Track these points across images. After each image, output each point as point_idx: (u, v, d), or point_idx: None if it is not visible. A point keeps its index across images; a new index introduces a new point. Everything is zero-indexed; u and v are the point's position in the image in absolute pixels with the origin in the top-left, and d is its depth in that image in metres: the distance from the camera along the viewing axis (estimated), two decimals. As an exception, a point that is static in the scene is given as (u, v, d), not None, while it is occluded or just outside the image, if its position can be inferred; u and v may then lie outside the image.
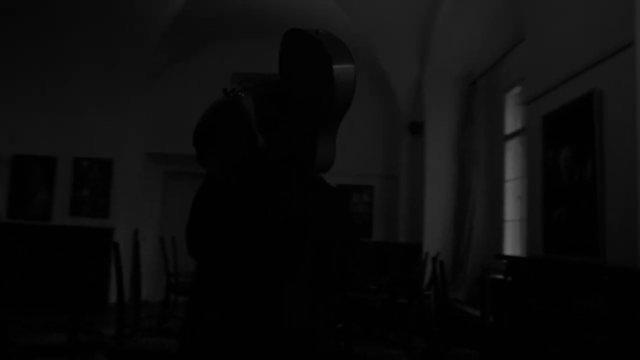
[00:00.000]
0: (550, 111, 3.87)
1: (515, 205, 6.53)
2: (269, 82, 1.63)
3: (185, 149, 8.69)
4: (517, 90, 6.62)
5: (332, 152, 1.60)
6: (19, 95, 7.46)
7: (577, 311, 2.89)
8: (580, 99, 3.45)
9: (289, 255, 1.49)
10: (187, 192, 9.41)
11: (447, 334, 2.68)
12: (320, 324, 1.54)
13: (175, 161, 8.23)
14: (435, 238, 7.07)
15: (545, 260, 3.80)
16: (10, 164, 7.35)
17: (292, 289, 1.49)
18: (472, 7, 6.72)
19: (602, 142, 3.30)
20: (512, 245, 6.53)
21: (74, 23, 7.19)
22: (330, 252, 1.57)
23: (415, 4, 6.98)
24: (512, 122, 6.69)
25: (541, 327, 3.43)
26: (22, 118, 7.47)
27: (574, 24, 3.86)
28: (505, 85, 6.72)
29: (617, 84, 3.26)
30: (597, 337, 2.63)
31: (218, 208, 1.52)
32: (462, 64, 7.25)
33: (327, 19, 7.55)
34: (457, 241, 6.99)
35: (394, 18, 7.19)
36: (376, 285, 4.84)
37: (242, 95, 1.52)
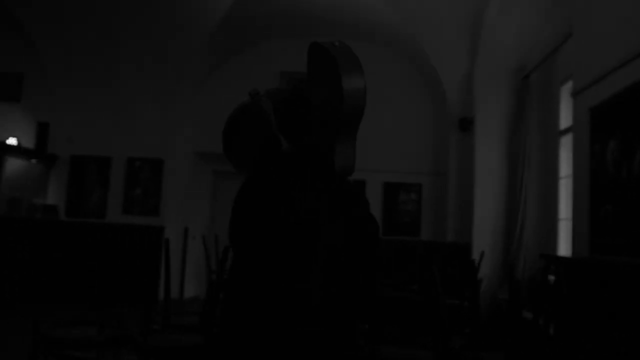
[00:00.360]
0: (598, 103, 3.64)
1: (570, 203, 6.20)
2: (294, 89, 1.71)
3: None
4: (572, 83, 6.29)
5: (351, 157, 1.67)
6: (76, 98, 7.81)
7: (621, 314, 2.68)
8: (628, 88, 3.21)
9: (298, 255, 1.51)
10: (236, 192, 9.61)
11: (478, 336, 2.57)
12: (335, 326, 1.53)
13: (224, 161, 8.33)
14: (484, 237, 6.84)
15: (589, 261, 3.57)
16: (68, 164, 7.72)
17: (303, 290, 1.50)
18: (523, -1, 6.44)
19: (656, 134, 3.06)
20: (566, 244, 6.21)
21: (126, 28, 7.47)
22: (342, 257, 1.57)
23: (464, -3, 6.77)
24: (566, 116, 6.37)
25: (583, 330, 3.22)
26: (78, 120, 7.80)
27: (621, 14, 3.62)
28: (560, 78, 6.40)
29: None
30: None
31: (249, 206, 1.62)
32: (514, 57, 6.97)
33: (375, 15, 7.48)
34: (508, 240, 6.73)
35: (443, 12, 7.00)
36: (417, 284, 4.73)
37: (263, 98, 1.71)
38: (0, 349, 3.39)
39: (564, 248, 6.24)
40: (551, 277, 5.82)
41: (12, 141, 7.51)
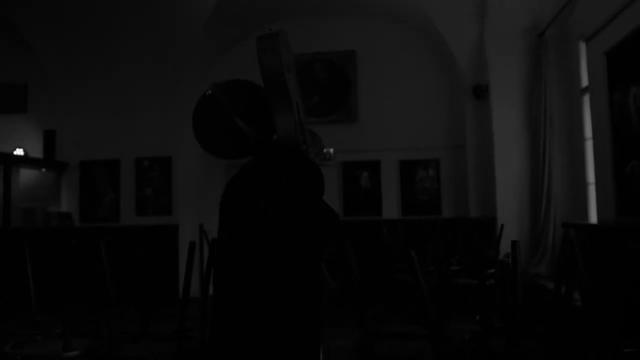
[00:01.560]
0: (614, 45, 3.24)
1: (599, 165, 5.80)
2: (239, 81, 1.89)
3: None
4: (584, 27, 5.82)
5: (289, 125, 1.69)
6: (79, 103, 7.74)
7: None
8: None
9: (279, 245, 1.60)
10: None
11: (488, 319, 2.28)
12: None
13: (235, 152, 8.19)
14: (509, 209, 6.48)
15: (614, 226, 3.21)
16: (78, 170, 7.66)
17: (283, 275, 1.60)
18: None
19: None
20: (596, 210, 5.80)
21: (125, 29, 7.34)
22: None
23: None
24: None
25: (610, 299, 2.89)
26: (84, 125, 7.74)
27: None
28: (579, 32, 5.95)
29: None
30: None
31: (233, 204, 1.76)
32: (526, 14, 6.54)
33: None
34: (535, 211, 6.34)
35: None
36: (435, 266, 4.44)
37: (218, 88, 1.81)
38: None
39: (595, 214, 5.83)
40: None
41: (19, 152, 7.49)
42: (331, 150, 7.52)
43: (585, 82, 5.99)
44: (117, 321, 2.47)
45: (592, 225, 3.69)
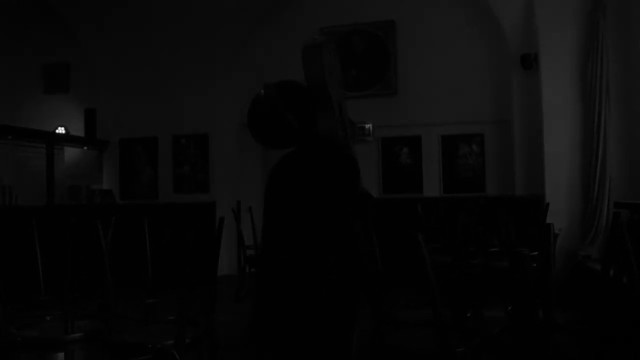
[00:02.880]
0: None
1: (661, 140, 5.32)
2: (293, 81, 2.11)
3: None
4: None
5: (333, 125, 1.98)
6: (118, 82, 7.81)
7: None
8: None
9: (311, 229, 1.84)
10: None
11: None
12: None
13: (273, 129, 8.07)
14: (559, 187, 6.05)
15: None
16: (118, 148, 7.77)
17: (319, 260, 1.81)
18: None
19: None
20: (657, 189, 5.35)
21: (161, 7, 7.31)
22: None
23: None
24: (651, 37, 5.42)
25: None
26: (122, 103, 7.82)
27: None
28: (640, -8, 5.42)
29: None
30: None
31: (279, 189, 2.02)
32: (581, -26, 5.99)
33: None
34: (587, 189, 5.90)
35: None
36: (474, 247, 4.18)
37: (272, 88, 2.03)
38: None
39: (655, 193, 5.38)
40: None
41: (60, 130, 7.65)
42: (370, 125, 7.26)
43: (647, 48, 5.48)
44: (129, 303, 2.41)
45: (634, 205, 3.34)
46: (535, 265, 4.06)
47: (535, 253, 4.23)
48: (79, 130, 7.91)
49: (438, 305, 1.33)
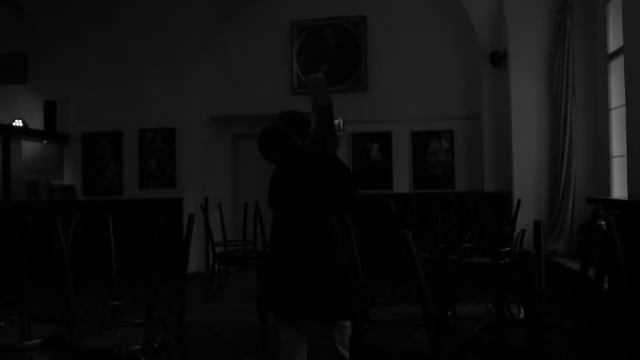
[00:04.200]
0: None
1: (624, 137, 5.42)
2: (295, 111, 2.96)
3: (251, 109, 8.34)
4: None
5: (333, 142, 2.87)
6: (80, 73, 7.51)
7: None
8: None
9: (320, 209, 2.40)
10: (257, 154, 8.95)
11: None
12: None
13: (242, 123, 7.93)
14: (527, 184, 6.15)
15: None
16: (80, 142, 7.49)
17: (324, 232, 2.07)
18: None
19: None
20: (621, 186, 5.46)
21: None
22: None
23: None
24: (616, 37, 5.52)
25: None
26: (85, 96, 7.54)
27: None
28: (606, -8, 5.53)
29: None
30: None
31: (282, 184, 2.77)
32: (549, -27, 6.06)
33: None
34: (554, 185, 6.00)
35: None
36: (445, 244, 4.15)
37: (276, 119, 2.87)
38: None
39: (619, 189, 5.49)
40: (601, 223, 5.14)
41: (18, 123, 7.31)
42: (340, 120, 7.20)
43: (612, 47, 5.58)
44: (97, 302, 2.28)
45: (622, 202, 3.37)
46: (507, 261, 4.09)
47: (508, 249, 4.27)
48: (37, 124, 7.57)
49: (430, 304, 1.27)
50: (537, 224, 1.31)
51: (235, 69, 7.64)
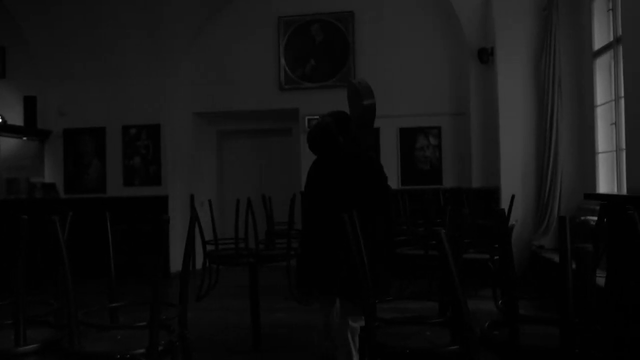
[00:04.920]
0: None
1: (609, 134, 5.50)
2: (342, 112, 3.18)
3: (237, 105, 8.20)
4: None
5: (370, 141, 4.61)
6: (61, 68, 7.33)
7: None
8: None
9: (352, 206, 2.28)
10: (244, 151, 8.85)
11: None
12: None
13: (228, 119, 7.84)
14: (514, 180, 6.20)
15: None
16: (62, 139, 7.31)
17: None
18: None
19: None
20: (606, 181, 5.54)
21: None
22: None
23: None
24: (602, 35, 5.59)
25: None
26: (66, 91, 7.35)
27: None
28: (592, -10, 5.59)
29: None
30: None
31: (317, 178, 3.18)
32: (536, -29, 6.11)
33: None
34: (540, 181, 6.06)
35: None
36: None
37: (327, 117, 3.10)
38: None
39: (605, 185, 5.57)
40: (592, 219, 5.20)
41: (-3, 119, 7.09)
42: (328, 117, 7.16)
43: (597, 44, 5.65)
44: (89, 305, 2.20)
45: (620, 197, 3.39)
46: (497, 257, 4.10)
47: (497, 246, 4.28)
48: (17, 119, 7.36)
49: (464, 304, 1.24)
50: (562, 220, 1.28)
51: (221, 65, 7.53)
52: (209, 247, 4.58)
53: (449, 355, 1.65)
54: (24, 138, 7.27)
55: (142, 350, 1.80)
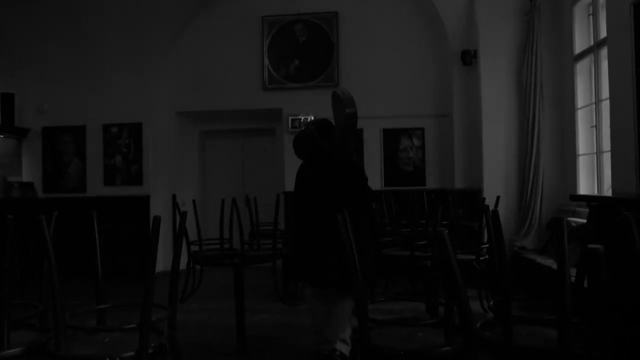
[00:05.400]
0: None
1: (590, 136, 5.60)
2: (326, 120, 3.47)
3: (220, 105, 8.14)
4: (587, 0, 5.55)
5: (353, 146, 3.45)
6: (40, 64, 7.19)
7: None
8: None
9: (335, 205, 2.52)
10: (227, 151, 8.76)
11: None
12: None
13: (211, 119, 7.77)
14: (496, 181, 6.26)
15: (637, 197, 2.98)
16: (40, 137, 7.16)
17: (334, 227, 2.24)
18: None
19: None
20: (587, 183, 5.64)
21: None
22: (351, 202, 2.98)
23: None
24: (582, 39, 5.69)
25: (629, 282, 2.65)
26: (46, 88, 7.21)
27: None
28: (573, -4, 5.69)
29: None
30: None
31: (304, 180, 3.37)
32: (519, -25, 6.18)
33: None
34: (522, 183, 6.14)
35: None
36: (426, 239, 4.18)
37: (311, 126, 3.42)
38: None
39: (586, 186, 5.67)
40: (574, 220, 5.28)
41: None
42: (311, 117, 7.16)
43: (578, 49, 5.74)
44: (72, 307, 2.15)
45: (606, 198, 3.45)
46: (487, 257, 4.15)
47: (488, 245, 4.32)
48: (-7, 117, 7.19)
49: (466, 303, 1.24)
50: (558, 221, 1.29)
51: (204, 63, 7.46)
52: (193, 248, 4.54)
53: (444, 357, 1.65)
54: (1, 136, 7.10)
55: (131, 353, 1.76)
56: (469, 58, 6.61)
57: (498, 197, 4.84)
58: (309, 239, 3.22)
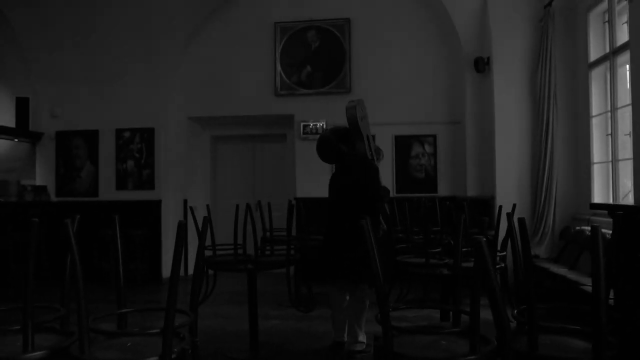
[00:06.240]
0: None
1: (605, 144, 5.56)
2: (343, 128, 3.91)
3: (232, 110, 8.19)
4: (602, 7, 5.52)
5: (363, 148, 3.88)
6: (55, 69, 7.25)
7: None
8: None
9: (359, 204, 3.59)
10: (238, 156, 8.80)
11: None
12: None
13: (222, 124, 7.79)
14: (509, 189, 6.23)
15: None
16: (54, 141, 7.21)
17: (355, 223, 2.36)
18: None
19: None
20: (601, 191, 5.59)
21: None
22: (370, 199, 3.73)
23: None
24: (597, 46, 5.66)
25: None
26: (60, 93, 7.27)
27: None
28: (588, 3, 5.65)
29: None
30: None
31: (333, 183, 3.94)
32: (533, -18, 6.18)
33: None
34: (535, 191, 6.10)
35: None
36: (441, 247, 4.16)
37: (327, 132, 3.98)
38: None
39: (600, 195, 5.62)
40: (585, 228, 5.24)
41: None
42: (323, 123, 7.17)
43: (593, 56, 5.71)
44: (94, 311, 2.15)
45: (628, 207, 3.41)
46: (503, 265, 4.11)
47: (504, 254, 4.29)
48: (8, 121, 7.25)
49: (504, 314, 1.22)
50: (594, 229, 1.28)
51: (216, 69, 7.50)
52: (207, 253, 4.54)
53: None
54: (15, 140, 7.16)
55: (155, 358, 1.76)
56: (482, 65, 6.60)
57: (514, 205, 4.81)
58: (342, 238, 3.67)
